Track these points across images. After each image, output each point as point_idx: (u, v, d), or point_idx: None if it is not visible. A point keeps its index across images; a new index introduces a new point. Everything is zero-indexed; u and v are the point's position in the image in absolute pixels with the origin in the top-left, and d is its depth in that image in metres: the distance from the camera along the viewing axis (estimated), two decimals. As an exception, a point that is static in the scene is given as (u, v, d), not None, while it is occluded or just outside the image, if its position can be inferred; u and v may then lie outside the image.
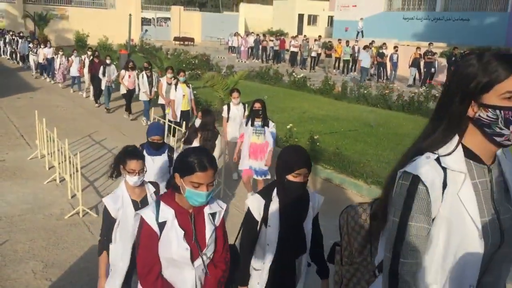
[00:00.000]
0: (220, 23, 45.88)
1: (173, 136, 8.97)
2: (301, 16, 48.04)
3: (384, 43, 22.77)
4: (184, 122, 8.92)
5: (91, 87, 15.32)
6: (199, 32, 45.31)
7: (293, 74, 18.76)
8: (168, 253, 2.53)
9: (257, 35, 32.53)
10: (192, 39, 41.70)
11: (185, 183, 2.42)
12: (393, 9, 34.04)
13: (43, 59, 19.79)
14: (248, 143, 6.81)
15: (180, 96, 10.10)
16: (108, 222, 3.55)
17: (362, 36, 29.57)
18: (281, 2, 52.52)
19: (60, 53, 17.96)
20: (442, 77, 20.63)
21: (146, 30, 39.06)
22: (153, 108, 11.05)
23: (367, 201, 3.07)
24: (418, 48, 21.18)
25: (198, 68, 21.01)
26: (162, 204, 2.57)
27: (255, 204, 2.97)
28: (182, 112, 10.16)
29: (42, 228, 5.97)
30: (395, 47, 21.97)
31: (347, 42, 23.99)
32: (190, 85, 10.53)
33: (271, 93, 16.00)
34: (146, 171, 3.62)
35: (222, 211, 2.74)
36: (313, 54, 25.80)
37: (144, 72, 12.24)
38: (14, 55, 26.31)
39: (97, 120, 12.72)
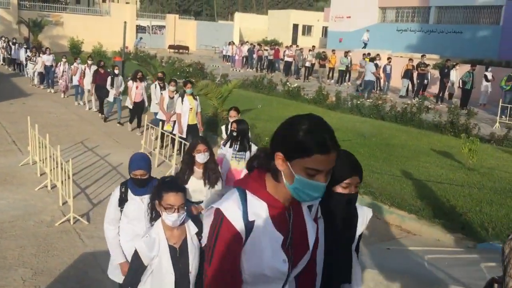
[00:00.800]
0: (215, 32, 46.03)
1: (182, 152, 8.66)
2: (295, 26, 48.34)
3: (378, 54, 22.92)
4: (191, 137, 8.70)
5: (93, 99, 14.93)
6: (194, 40, 45.41)
7: (287, 83, 18.83)
8: (258, 266, 1.81)
9: (251, 44, 32.66)
10: (186, 48, 41.76)
11: (294, 168, 1.72)
12: (387, 21, 34.34)
13: (41, 67, 18.98)
14: (227, 168, 5.77)
15: (186, 109, 9.25)
16: (136, 268, 3.02)
17: (365, 47, 29.47)
18: (276, 12, 52.90)
19: (63, 60, 17.17)
20: (434, 89, 20.78)
21: (141, 38, 39.05)
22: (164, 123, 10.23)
23: None
24: (410, 59, 21.33)
25: (192, 77, 21.02)
26: (249, 194, 1.83)
27: None
28: (188, 126, 9.30)
29: (32, 235, 5.92)
30: (388, 58, 22.12)
31: (346, 53, 24.05)
32: (197, 97, 9.75)
33: (265, 102, 16.04)
34: (185, 208, 3.01)
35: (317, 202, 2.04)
36: (307, 64, 25.91)
37: (157, 83, 11.45)
38: (8, 61, 26.06)
39: (90, 126, 12.67)
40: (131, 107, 12.04)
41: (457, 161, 9.61)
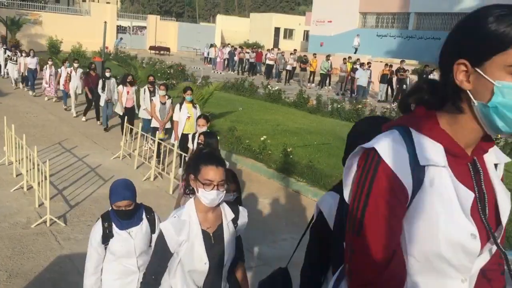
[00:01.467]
0: (196, 34, 45.89)
1: (180, 166, 8.36)
2: (277, 30, 48.51)
3: (358, 59, 23.16)
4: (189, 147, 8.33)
5: (73, 104, 14.18)
6: (175, 42, 45.21)
7: (268, 86, 18.88)
8: (430, 242, 1.22)
9: (232, 46, 32.65)
10: (168, 49, 41.54)
11: (489, 73, 1.17)
12: (367, 26, 34.72)
13: (25, 69, 17.74)
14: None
15: (184, 118, 8.68)
16: (161, 254, 2.58)
17: (355, 53, 29.42)
18: (258, 15, 53.00)
19: (50, 62, 16.21)
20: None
21: (121, 38, 38.72)
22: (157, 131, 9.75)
23: None
24: (386, 64, 21.57)
25: (173, 78, 20.92)
26: (415, 134, 1.26)
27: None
28: (184, 135, 8.58)
29: (7, 237, 5.80)
30: (368, 63, 22.36)
31: (327, 57, 24.24)
32: (197, 105, 9.19)
33: (246, 105, 16.04)
34: (226, 187, 2.58)
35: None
36: (288, 67, 26.03)
37: (146, 87, 10.63)
38: None
39: (68, 127, 12.50)
40: (121, 113, 11.14)
41: (435, 165, 9.73)
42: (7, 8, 37.77)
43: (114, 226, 3.23)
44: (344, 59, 23.59)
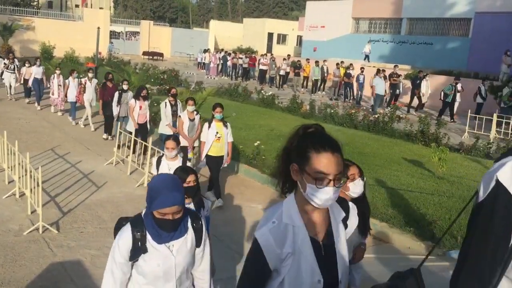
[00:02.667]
0: (190, 39, 45.93)
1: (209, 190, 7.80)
2: (270, 35, 48.66)
3: (351, 64, 23.26)
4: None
5: (89, 116, 13.18)
6: (168, 47, 45.21)
7: (262, 91, 18.90)
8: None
9: (225, 52, 32.68)
10: (161, 54, 41.54)
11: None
12: (360, 31, 34.90)
13: (30, 80, 16.12)
14: None
15: (212, 138, 7.62)
16: (257, 278, 1.92)
17: (368, 60, 29.06)
18: (251, 21, 53.15)
19: (57, 72, 14.82)
20: (406, 99, 21.18)
21: (112, 43, 38.67)
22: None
23: None
24: (379, 70, 21.58)
25: (166, 84, 20.91)
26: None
27: None
28: (210, 157, 7.68)
29: (-1, 245, 5.76)
30: (361, 68, 22.45)
31: (317, 62, 24.35)
32: (229, 124, 8.00)
33: (240, 110, 16.05)
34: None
35: None
36: (282, 72, 26.08)
37: (167, 100, 9.74)
38: None
39: (60, 133, 12.44)
40: (133, 130, 10.02)
41: (427, 169, 9.79)
42: (0, 14, 37.65)
43: (149, 237, 2.48)
44: (337, 64, 23.68)
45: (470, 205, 1.95)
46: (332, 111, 15.60)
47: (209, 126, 7.67)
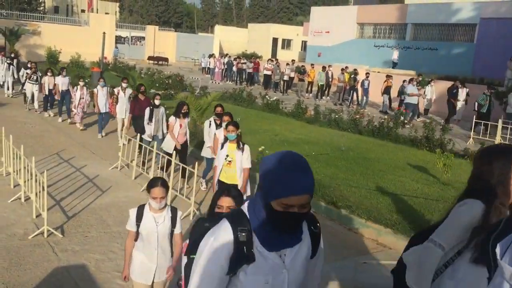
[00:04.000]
0: (195, 44, 46.10)
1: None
2: (275, 40, 48.79)
3: (355, 69, 23.26)
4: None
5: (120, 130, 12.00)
6: (173, 52, 45.38)
7: (266, 96, 18.93)
8: None
9: (229, 57, 32.77)
10: (166, 59, 41.70)
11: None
12: (365, 36, 34.92)
13: (55, 91, 14.91)
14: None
15: (221, 161, 6.50)
16: None
17: (394, 67, 28.21)
18: (256, 26, 53.35)
19: (81, 83, 13.44)
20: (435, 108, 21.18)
21: (117, 48, 38.91)
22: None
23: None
24: (388, 76, 21.56)
25: (171, 88, 20.98)
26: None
27: None
28: (221, 183, 6.42)
29: (4, 248, 5.78)
30: (366, 73, 22.42)
31: (323, 67, 24.24)
32: (247, 147, 6.56)
33: (244, 115, 16.06)
34: None
35: None
36: (286, 77, 26.07)
37: (213, 119, 8.64)
38: None
39: (65, 137, 12.49)
40: (171, 150, 8.61)
41: (432, 175, 9.76)
42: (6, 19, 37.95)
43: (256, 241, 1.83)
44: (342, 69, 23.67)
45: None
46: (336, 116, 15.60)
47: (222, 147, 6.58)
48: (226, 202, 2.88)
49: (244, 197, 5.74)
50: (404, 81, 19.85)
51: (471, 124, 15.31)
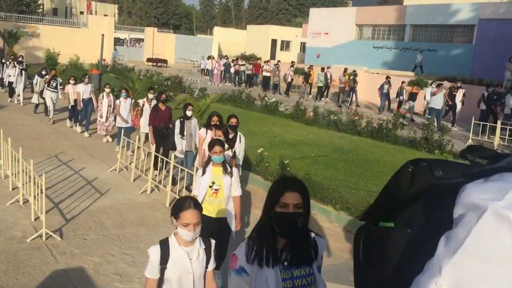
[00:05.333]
0: (193, 46, 46.12)
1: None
2: (274, 42, 48.84)
3: (354, 71, 23.27)
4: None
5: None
6: (172, 54, 45.38)
7: (265, 98, 18.92)
8: None
9: (227, 58, 32.78)
10: (165, 61, 41.70)
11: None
12: (364, 38, 34.95)
13: (78, 101, 13.32)
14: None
15: (204, 188, 5.13)
16: None
17: (422, 72, 27.32)
18: (255, 27, 53.39)
19: (107, 90, 12.12)
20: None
21: (116, 50, 38.93)
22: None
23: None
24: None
25: (170, 90, 20.96)
26: None
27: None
28: (205, 219, 3.89)
29: (3, 252, 5.76)
30: (387, 77, 21.38)
31: (322, 68, 24.22)
32: (235, 169, 5.36)
33: (243, 116, 16.01)
34: None
35: None
36: (289, 79, 25.81)
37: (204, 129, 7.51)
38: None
39: (64, 140, 12.47)
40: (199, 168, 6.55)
41: (431, 177, 9.74)
42: (5, 21, 37.93)
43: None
44: (345, 70, 23.44)
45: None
46: (335, 117, 15.60)
47: (203, 172, 5.19)
48: (292, 199, 2.32)
49: (234, 234, 5.27)
50: (430, 84, 19.16)
51: (470, 125, 15.31)
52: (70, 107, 13.91)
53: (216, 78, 30.89)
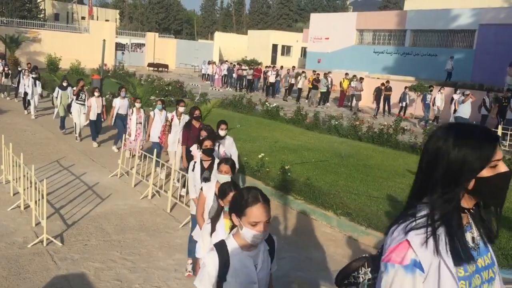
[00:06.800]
0: (194, 51, 46.24)
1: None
2: (275, 47, 48.95)
3: (355, 75, 23.29)
4: None
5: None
6: (173, 59, 45.48)
7: (266, 103, 18.94)
8: None
9: (230, 63, 32.83)
10: (166, 66, 41.79)
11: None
12: (364, 43, 35.01)
13: (111, 117, 12.00)
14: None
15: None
16: None
17: (450, 79, 26.57)
18: (256, 32, 53.49)
19: (137, 104, 10.89)
20: (411, 110, 21.21)
21: (123, 53, 39.19)
22: None
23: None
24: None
25: (171, 95, 21.01)
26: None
27: None
28: None
29: (3, 257, 5.76)
30: (430, 86, 20.98)
31: (325, 74, 24.15)
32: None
33: (244, 121, 16.08)
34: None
35: None
36: (299, 85, 25.45)
37: (198, 160, 5.67)
38: (4, 88, 20.86)
39: (65, 145, 12.48)
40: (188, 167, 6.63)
41: (432, 182, 9.73)
42: (6, 26, 38.06)
43: None
44: (361, 78, 23.20)
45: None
46: (336, 122, 15.60)
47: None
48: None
49: None
50: (460, 94, 18.71)
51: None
52: (90, 123, 12.40)
53: (217, 83, 30.94)
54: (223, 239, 2.51)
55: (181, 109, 9.48)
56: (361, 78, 23.07)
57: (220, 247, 2.43)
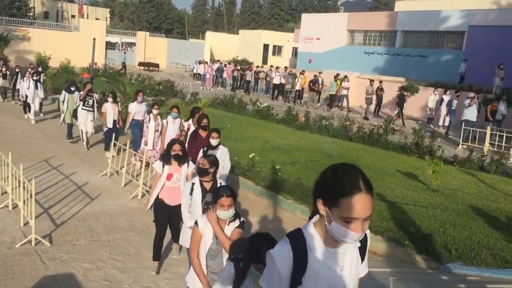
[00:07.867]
0: (185, 50, 46.06)
1: None
2: (266, 46, 48.95)
3: (346, 76, 23.34)
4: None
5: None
6: (164, 58, 45.28)
7: (257, 103, 18.94)
8: None
9: (221, 63, 32.74)
10: (157, 65, 41.60)
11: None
12: (355, 43, 35.12)
13: (119, 123, 11.32)
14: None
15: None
16: None
17: (462, 81, 25.16)
18: (247, 32, 53.45)
19: (155, 111, 10.09)
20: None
21: (125, 52, 38.92)
22: None
23: None
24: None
25: (162, 94, 20.94)
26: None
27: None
28: None
29: (-9, 257, 5.71)
30: (457, 91, 19.66)
31: (335, 77, 23.66)
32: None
33: (235, 121, 16.06)
34: None
35: None
36: (297, 87, 25.03)
37: (196, 180, 4.83)
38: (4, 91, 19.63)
39: (54, 145, 12.38)
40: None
41: (422, 182, 9.81)
42: (-5, 24, 37.69)
43: None
44: (371, 80, 22.84)
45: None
46: (327, 123, 15.64)
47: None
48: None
49: None
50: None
51: (460, 131, 15.40)
52: (105, 131, 11.38)
53: (208, 83, 30.86)
54: (300, 228, 1.93)
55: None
56: (345, 76, 23.09)
57: (295, 238, 1.90)
